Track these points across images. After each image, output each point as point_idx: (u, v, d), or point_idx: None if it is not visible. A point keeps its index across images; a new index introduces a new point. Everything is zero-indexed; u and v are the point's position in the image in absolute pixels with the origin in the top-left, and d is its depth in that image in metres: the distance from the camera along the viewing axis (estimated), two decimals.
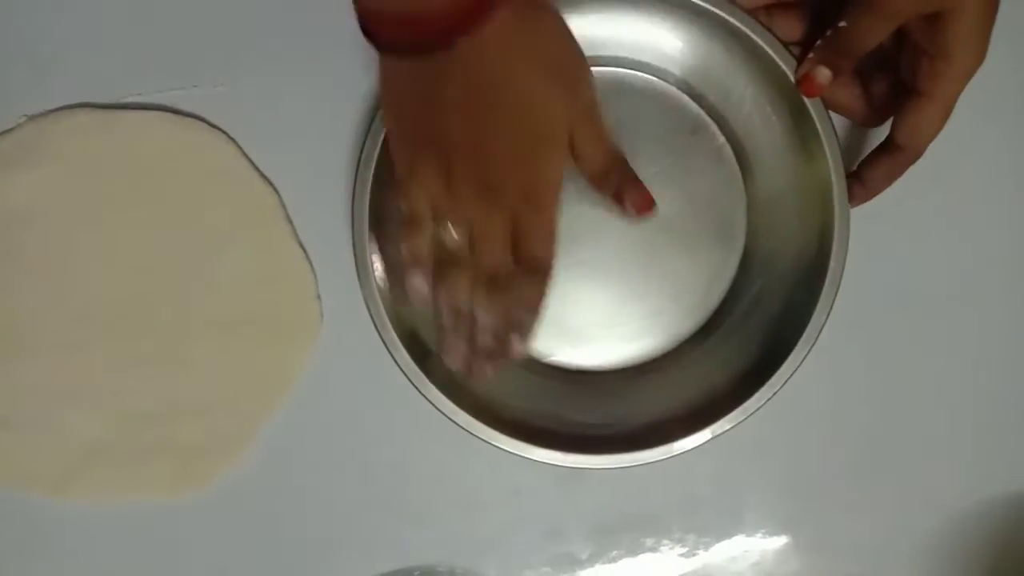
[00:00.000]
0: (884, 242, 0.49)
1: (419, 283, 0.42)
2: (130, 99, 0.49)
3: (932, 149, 0.47)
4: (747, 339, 0.48)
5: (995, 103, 0.50)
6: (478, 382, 0.44)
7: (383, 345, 0.46)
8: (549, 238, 0.42)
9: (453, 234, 0.42)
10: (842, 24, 0.43)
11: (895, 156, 0.45)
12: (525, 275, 0.42)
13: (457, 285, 0.42)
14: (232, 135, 0.49)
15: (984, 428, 0.50)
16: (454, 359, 0.43)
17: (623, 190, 0.44)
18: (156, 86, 0.49)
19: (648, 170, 0.49)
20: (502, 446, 0.46)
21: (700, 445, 0.45)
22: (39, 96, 0.49)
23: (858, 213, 0.46)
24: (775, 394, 0.45)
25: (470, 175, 0.40)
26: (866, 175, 0.46)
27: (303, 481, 0.50)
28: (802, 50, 0.45)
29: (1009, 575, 0.50)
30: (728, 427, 0.45)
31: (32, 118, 0.49)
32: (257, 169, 0.49)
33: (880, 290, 0.50)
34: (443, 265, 0.42)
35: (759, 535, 0.50)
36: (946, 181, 0.50)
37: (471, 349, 0.43)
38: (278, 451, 0.49)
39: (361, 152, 0.46)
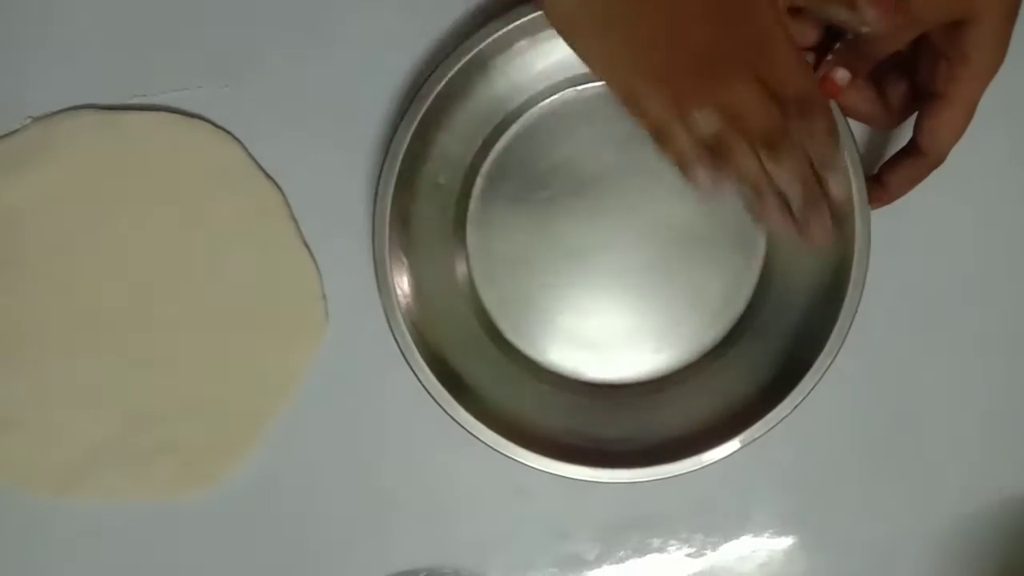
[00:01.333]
0: (899, 248, 0.49)
1: (704, 175, 0.41)
2: (135, 100, 0.49)
3: (961, 155, 0.47)
4: (769, 349, 0.48)
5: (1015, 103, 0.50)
6: (820, 241, 0.42)
7: (392, 346, 0.45)
8: (802, 68, 0.40)
9: (708, 121, 0.40)
10: (864, 29, 0.42)
11: (917, 161, 0.44)
12: (800, 118, 0.40)
13: (742, 161, 0.40)
14: (236, 135, 0.49)
15: (993, 430, 0.50)
16: (781, 223, 0.41)
17: None
18: (160, 87, 0.49)
19: (667, 179, 0.48)
20: (522, 459, 0.45)
21: (727, 457, 0.45)
22: (44, 97, 0.49)
23: (877, 218, 0.45)
24: (800, 403, 0.45)
25: (692, 58, 0.39)
26: (888, 179, 0.45)
27: (307, 481, 0.50)
28: (817, 54, 0.45)
29: None
30: (756, 437, 0.45)
31: (37, 119, 0.49)
32: (261, 168, 0.49)
33: (892, 295, 0.49)
34: (717, 153, 0.41)
35: (766, 535, 0.50)
36: (969, 187, 0.49)
37: (794, 217, 0.41)
38: (283, 451, 0.49)
39: (383, 164, 0.45)
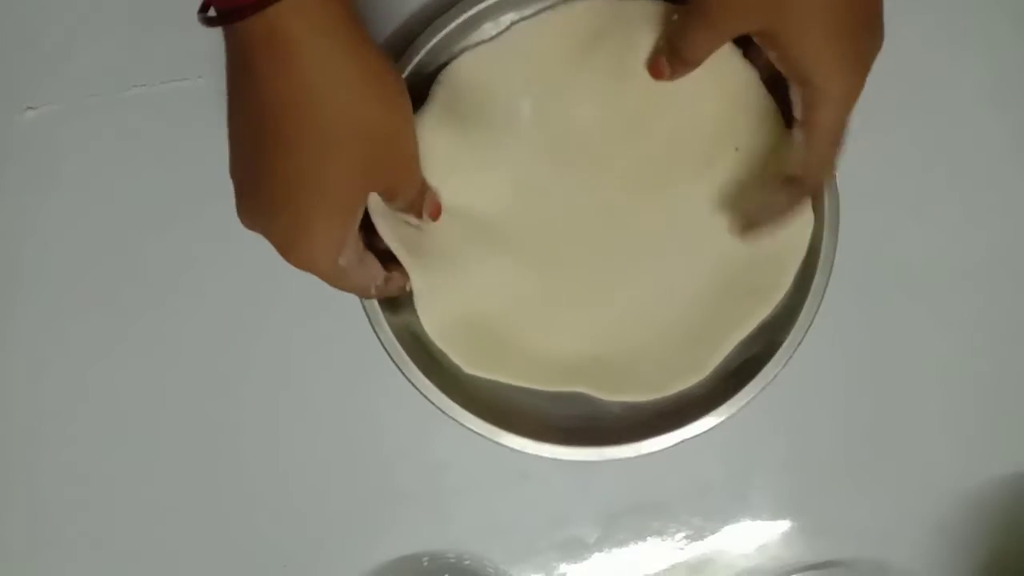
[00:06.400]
0: (880, 224, 0.50)
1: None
2: (134, 90, 0.49)
3: (923, 133, 0.48)
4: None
5: (994, 87, 0.50)
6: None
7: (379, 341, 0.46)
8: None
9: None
10: (674, 17, 0.41)
11: (792, 186, 0.43)
12: None
13: None
14: None
15: (986, 409, 0.50)
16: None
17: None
18: (161, 77, 0.49)
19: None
20: (505, 443, 0.46)
21: (692, 437, 0.45)
22: (43, 87, 0.49)
23: (853, 198, 0.45)
24: (768, 386, 0.45)
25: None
26: (768, 202, 0.44)
27: (312, 470, 0.50)
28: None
29: (1012, 555, 0.50)
30: (720, 420, 0.45)
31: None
32: None
33: (879, 272, 0.50)
34: None
35: (764, 518, 0.50)
36: (940, 164, 0.50)
37: None
38: (288, 440, 0.50)
39: None
